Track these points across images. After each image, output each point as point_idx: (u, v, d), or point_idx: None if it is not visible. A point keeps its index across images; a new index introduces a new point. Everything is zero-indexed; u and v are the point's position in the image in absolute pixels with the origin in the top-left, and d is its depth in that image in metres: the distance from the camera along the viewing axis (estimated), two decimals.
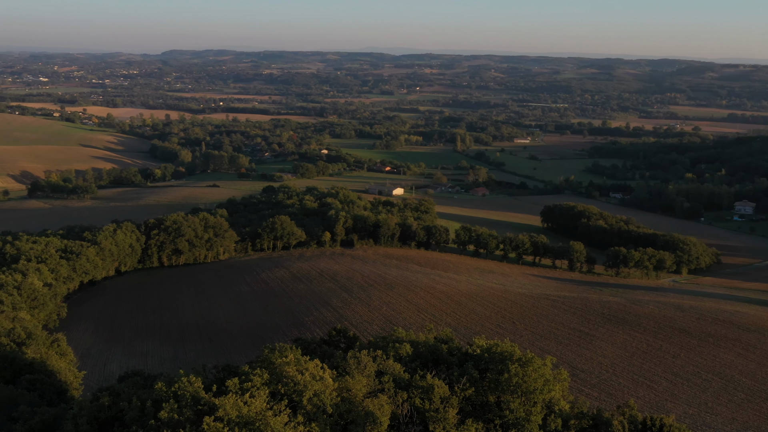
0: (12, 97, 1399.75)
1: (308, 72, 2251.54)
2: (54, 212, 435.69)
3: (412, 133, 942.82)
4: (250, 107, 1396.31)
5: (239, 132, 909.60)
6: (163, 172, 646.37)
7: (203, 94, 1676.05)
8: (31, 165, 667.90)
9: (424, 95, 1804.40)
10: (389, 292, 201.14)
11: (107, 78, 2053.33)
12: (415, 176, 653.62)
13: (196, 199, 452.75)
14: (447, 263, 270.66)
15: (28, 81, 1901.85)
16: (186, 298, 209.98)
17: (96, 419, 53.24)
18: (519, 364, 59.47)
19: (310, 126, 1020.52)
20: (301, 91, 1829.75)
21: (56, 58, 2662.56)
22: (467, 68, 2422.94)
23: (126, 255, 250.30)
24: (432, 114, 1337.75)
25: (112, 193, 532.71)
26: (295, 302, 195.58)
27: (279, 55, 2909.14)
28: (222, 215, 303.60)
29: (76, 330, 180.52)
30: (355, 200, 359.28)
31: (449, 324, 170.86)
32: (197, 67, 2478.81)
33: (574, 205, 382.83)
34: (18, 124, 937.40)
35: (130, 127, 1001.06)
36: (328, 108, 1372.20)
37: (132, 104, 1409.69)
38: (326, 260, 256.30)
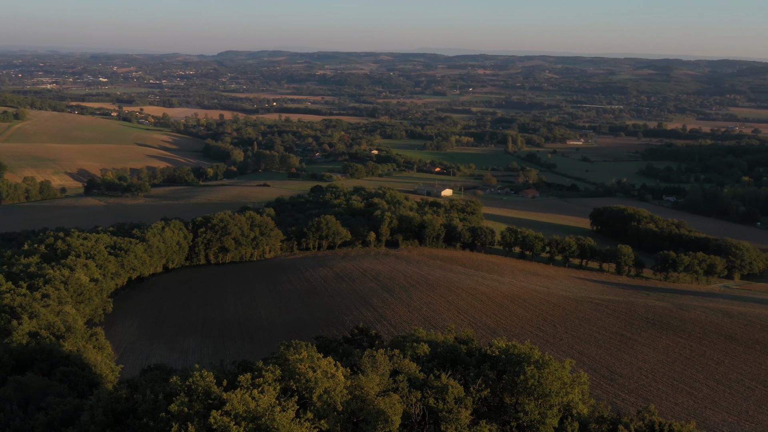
0: (72, 96, 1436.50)
1: (361, 73, 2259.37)
2: (108, 210, 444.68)
3: (463, 134, 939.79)
4: (302, 107, 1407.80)
5: (291, 132, 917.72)
6: (215, 171, 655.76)
7: (257, 95, 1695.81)
8: (88, 163, 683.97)
9: (477, 96, 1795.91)
10: (430, 293, 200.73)
11: (164, 78, 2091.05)
12: (465, 177, 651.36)
13: (246, 198, 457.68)
14: (491, 265, 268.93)
15: (89, 81, 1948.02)
16: (229, 296, 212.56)
17: (113, 411, 54.44)
18: (536, 366, 58.94)
19: (362, 126, 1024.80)
20: (354, 91, 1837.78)
21: (116, 58, 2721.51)
22: (521, 69, 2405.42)
23: (173, 252, 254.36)
24: (484, 115, 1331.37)
25: (165, 192, 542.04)
26: (336, 301, 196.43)
27: (332, 55, 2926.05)
28: (269, 214, 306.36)
29: (122, 325, 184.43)
30: (401, 201, 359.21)
31: (488, 326, 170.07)
32: (252, 67, 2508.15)
33: (624, 208, 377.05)
34: (77, 123, 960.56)
35: (185, 126, 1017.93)
36: (380, 108, 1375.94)
37: (187, 104, 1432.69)
38: (370, 260, 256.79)
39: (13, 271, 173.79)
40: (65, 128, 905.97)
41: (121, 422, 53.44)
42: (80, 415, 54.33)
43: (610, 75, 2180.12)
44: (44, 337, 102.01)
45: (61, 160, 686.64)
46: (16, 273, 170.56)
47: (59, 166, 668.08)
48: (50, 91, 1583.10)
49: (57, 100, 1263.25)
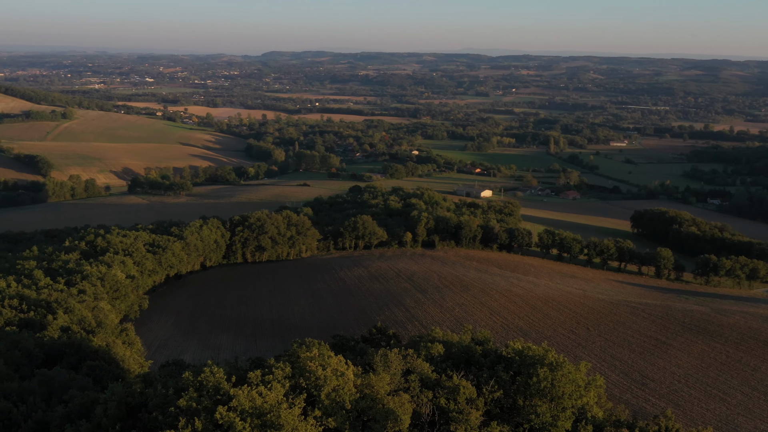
0: (119, 96, 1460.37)
1: (404, 73, 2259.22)
2: (150, 208, 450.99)
3: (505, 135, 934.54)
4: (344, 108, 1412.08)
5: (332, 132, 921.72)
6: (256, 170, 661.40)
7: (300, 95, 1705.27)
8: (132, 162, 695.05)
9: (520, 97, 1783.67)
10: (464, 294, 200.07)
11: (209, 79, 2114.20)
12: (505, 178, 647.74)
13: (286, 198, 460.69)
14: (528, 266, 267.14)
15: (135, 81, 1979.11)
16: (264, 294, 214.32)
17: (126, 404, 55.35)
18: (549, 368, 58.39)
19: (403, 127, 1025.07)
20: (396, 92, 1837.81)
21: (162, 59, 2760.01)
22: (565, 70, 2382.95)
23: (211, 250, 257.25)
24: (527, 116, 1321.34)
25: (207, 191, 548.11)
26: (369, 301, 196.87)
27: (375, 56, 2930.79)
28: (307, 214, 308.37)
29: (157, 321, 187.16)
30: (439, 201, 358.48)
31: (520, 328, 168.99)
32: (295, 68, 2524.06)
33: (666, 211, 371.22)
34: (122, 122, 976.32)
35: (228, 126, 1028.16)
36: (422, 109, 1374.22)
37: (231, 104, 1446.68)
38: (405, 260, 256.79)
39: (53, 267, 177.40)
40: (111, 127, 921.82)
41: (133, 416, 54.35)
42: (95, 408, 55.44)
43: (656, 76, 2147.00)
44: (75, 332, 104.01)
45: (107, 159, 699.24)
46: (55, 269, 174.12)
47: (104, 164, 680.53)
48: (98, 91, 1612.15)
49: (104, 100, 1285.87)
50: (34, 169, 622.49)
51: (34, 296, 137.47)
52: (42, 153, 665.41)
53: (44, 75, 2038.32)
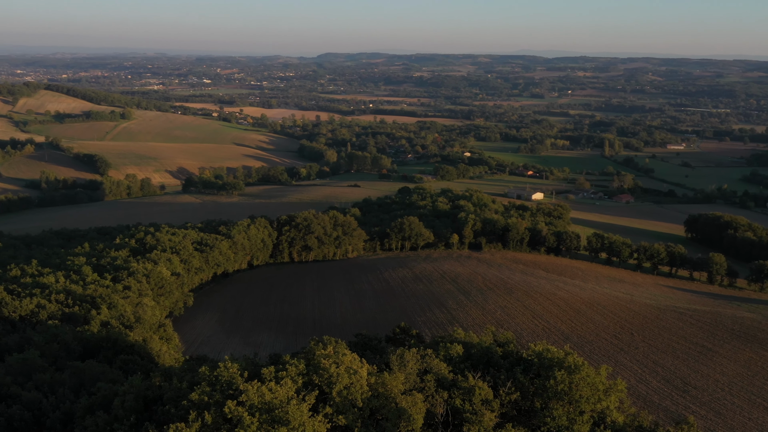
0: (177, 97, 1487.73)
1: (458, 75, 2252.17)
2: (203, 207, 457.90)
3: (559, 137, 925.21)
4: (398, 109, 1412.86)
5: (384, 134, 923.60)
6: (308, 171, 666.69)
7: (354, 96, 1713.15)
8: (187, 162, 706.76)
9: (576, 99, 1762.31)
10: (507, 297, 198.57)
11: (265, 80, 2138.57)
12: (558, 181, 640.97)
13: (336, 198, 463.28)
14: (575, 270, 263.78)
15: (193, 83, 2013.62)
16: (308, 293, 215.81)
17: (144, 397, 56.42)
18: (566, 371, 57.64)
19: (456, 129, 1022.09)
20: (450, 93, 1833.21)
21: (219, 61, 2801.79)
22: (623, 71, 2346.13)
23: (258, 249, 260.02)
24: (582, 118, 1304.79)
25: (259, 191, 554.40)
26: (411, 302, 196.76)
27: (430, 57, 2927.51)
28: (354, 214, 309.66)
29: (202, 318, 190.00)
30: (488, 203, 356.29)
31: (562, 331, 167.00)
32: (350, 69, 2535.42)
33: (721, 215, 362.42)
34: (179, 123, 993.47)
35: (282, 127, 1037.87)
36: (476, 111, 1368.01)
37: (286, 105, 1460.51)
38: (451, 262, 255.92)
39: (101, 263, 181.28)
40: (168, 128, 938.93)
41: (150, 409, 55.41)
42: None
43: (717, 78, 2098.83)
44: (114, 326, 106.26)
45: (162, 159, 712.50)
46: (103, 265, 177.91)
47: (160, 164, 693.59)
48: (156, 92, 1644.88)
49: (162, 101, 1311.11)
50: (93, 168, 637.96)
51: (80, 291, 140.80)
52: (100, 152, 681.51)
53: (105, 76, 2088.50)
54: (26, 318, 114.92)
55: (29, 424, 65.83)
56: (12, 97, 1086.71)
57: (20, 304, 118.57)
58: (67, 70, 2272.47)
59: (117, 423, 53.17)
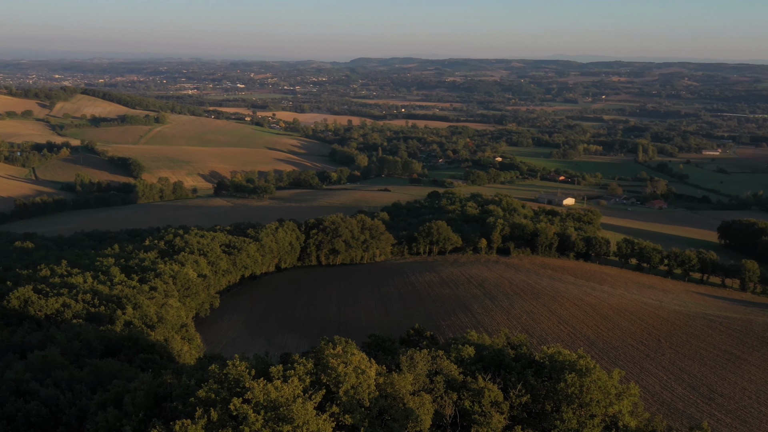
0: (210, 102, 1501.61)
1: (491, 80, 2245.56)
2: (234, 210, 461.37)
3: (592, 143, 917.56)
4: (430, 114, 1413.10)
5: (416, 138, 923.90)
6: (338, 175, 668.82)
7: (386, 101, 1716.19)
8: (219, 165, 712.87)
9: (610, 104, 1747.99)
10: (533, 302, 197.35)
11: (298, 85, 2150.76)
12: (590, 186, 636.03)
13: (366, 203, 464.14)
14: (604, 276, 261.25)
15: (227, 87, 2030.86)
16: (334, 296, 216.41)
17: (155, 394, 57.01)
18: (577, 373, 57.12)
19: (488, 133, 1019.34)
20: (483, 98, 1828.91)
21: (253, 65, 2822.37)
22: (658, 76, 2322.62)
23: (286, 252, 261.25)
24: (616, 123, 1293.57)
25: (289, 194, 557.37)
26: (437, 306, 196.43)
27: (463, 62, 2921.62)
28: (382, 218, 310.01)
29: (228, 320, 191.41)
30: (517, 208, 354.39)
31: (587, 337, 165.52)
32: (383, 74, 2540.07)
33: (755, 222, 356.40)
34: (212, 127, 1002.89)
35: (313, 131, 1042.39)
36: (508, 116, 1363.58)
37: (318, 110, 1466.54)
38: (478, 267, 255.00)
39: (129, 264, 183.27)
40: (201, 132, 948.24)
41: (159, 405, 55.98)
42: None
43: (755, 83, 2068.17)
44: (137, 326, 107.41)
45: (195, 162, 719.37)
46: (131, 266, 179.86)
47: (192, 167, 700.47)
48: (191, 96, 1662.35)
49: (196, 105, 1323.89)
50: (126, 171, 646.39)
51: (106, 291, 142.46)
52: (134, 156, 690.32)
53: (141, 81, 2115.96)
54: (51, 317, 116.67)
55: (46, 419, 66.78)
56: (49, 101, 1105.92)
57: (46, 303, 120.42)
58: (104, 75, 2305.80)
59: (126, 419, 53.82)
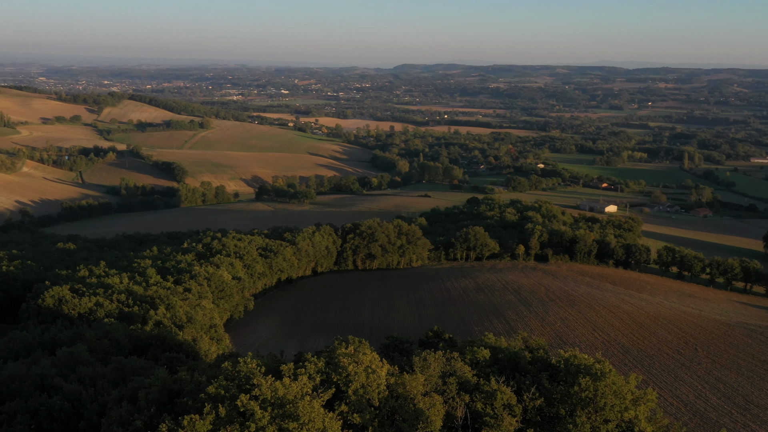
0: (254, 107, 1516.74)
1: (535, 86, 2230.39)
2: (275, 214, 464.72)
3: (637, 150, 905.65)
4: (473, 120, 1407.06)
5: (458, 144, 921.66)
6: (379, 181, 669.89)
7: (429, 107, 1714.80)
8: (261, 170, 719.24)
9: (656, 111, 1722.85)
10: (569, 309, 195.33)
11: (341, 91, 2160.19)
12: (633, 194, 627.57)
13: (405, 208, 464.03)
14: (644, 284, 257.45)
15: (271, 93, 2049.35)
16: (368, 301, 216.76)
17: (169, 390, 57.73)
18: (592, 377, 56.36)
19: (530, 140, 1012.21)
20: (527, 105, 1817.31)
21: (297, 72, 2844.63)
22: (706, 83, 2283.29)
23: (322, 256, 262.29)
24: (662, 130, 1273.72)
25: (330, 199, 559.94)
26: (471, 311, 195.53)
27: (507, 68, 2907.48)
28: (420, 224, 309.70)
29: (262, 322, 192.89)
30: (557, 215, 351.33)
31: (622, 344, 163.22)
32: (426, 80, 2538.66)
33: None
34: (255, 132, 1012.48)
35: (355, 137, 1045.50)
36: (552, 122, 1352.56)
37: (361, 116, 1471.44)
38: (515, 273, 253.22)
39: (166, 266, 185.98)
40: (244, 137, 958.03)
41: (172, 401, 56.69)
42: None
43: None
44: (166, 326, 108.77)
45: (237, 167, 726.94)
46: (167, 268, 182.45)
47: (235, 172, 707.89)
48: (235, 102, 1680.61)
49: (240, 111, 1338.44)
50: (170, 175, 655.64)
51: (141, 292, 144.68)
52: (178, 160, 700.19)
53: (187, 87, 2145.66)
54: (84, 315, 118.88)
55: (68, 414, 68.03)
56: (97, 106, 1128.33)
57: (79, 302, 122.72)
58: (151, 81, 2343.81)
59: (137, 413, 54.64)
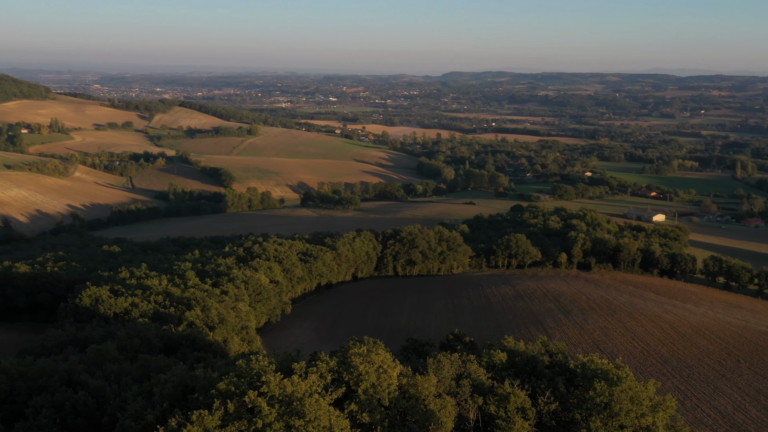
0: (302, 114, 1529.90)
1: (585, 94, 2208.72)
2: (318, 221, 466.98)
3: (688, 158, 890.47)
4: (520, 128, 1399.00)
5: (504, 152, 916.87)
6: (424, 188, 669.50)
7: (476, 115, 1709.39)
8: (307, 176, 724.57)
9: (709, 119, 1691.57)
10: (609, 318, 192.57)
11: (389, 98, 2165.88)
12: (682, 203, 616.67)
13: (449, 215, 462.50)
14: (689, 294, 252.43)
15: (319, 101, 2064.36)
16: (406, 307, 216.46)
17: (184, 387, 58.49)
18: (607, 382, 55.46)
19: (578, 148, 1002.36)
20: (576, 113, 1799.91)
21: (346, 79, 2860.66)
22: (761, 90, 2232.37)
23: (362, 262, 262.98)
24: (715, 139, 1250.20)
25: (374, 206, 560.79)
26: (508, 318, 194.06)
27: (557, 76, 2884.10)
28: (462, 231, 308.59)
29: (300, 326, 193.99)
30: (602, 223, 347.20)
31: (661, 354, 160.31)
32: (474, 88, 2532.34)
33: None
34: (302, 139, 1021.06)
35: (402, 144, 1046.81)
36: (601, 130, 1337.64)
37: (408, 123, 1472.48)
38: (557, 281, 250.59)
39: (206, 269, 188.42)
40: (291, 144, 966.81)
41: (186, 397, 57.41)
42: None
43: None
44: (198, 326, 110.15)
45: (284, 173, 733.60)
46: (207, 271, 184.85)
47: (281, 178, 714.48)
48: (284, 109, 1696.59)
49: (288, 118, 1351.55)
50: (217, 180, 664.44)
51: (178, 294, 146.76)
52: (225, 166, 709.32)
53: (237, 94, 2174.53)
54: (120, 315, 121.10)
55: (92, 409, 69.24)
56: (148, 113, 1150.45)
57: (115, 302, 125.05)
58: (202, 88, 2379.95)
59: (150, 408, 55.47)
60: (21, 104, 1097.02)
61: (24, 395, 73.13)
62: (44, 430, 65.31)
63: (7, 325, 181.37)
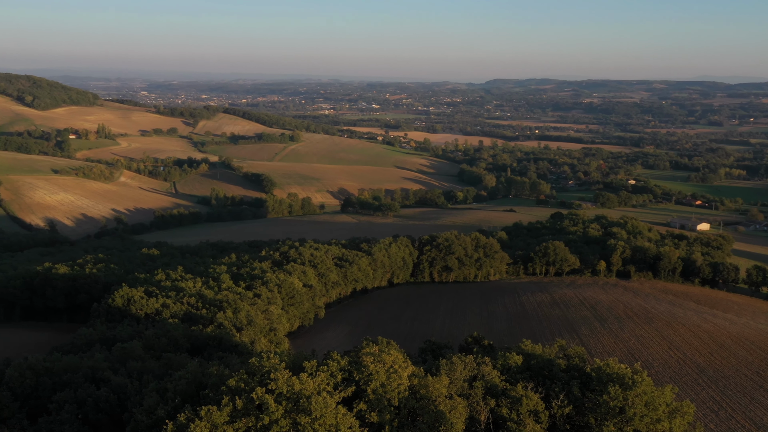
0: (345, 121, 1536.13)
1: (630, 101, 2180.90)
2: (358, 227, 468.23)
3: (735, 167, 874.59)
4: (564, 135, 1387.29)
5: (546, 159, 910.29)
6: (464, 195, 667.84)
7: (520, 122, 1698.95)
8: (347, 183, 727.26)
9: (759, 127, 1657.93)
10: (645, 326, 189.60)
11: (432, 105, 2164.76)
12: (728, 212, 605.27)
13: (489, 222, 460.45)
14: (730, 304, 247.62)
15: (362, 107, 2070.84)
16: (441, 313, 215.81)
17: (198, 383, 59.15)
18: (621, 386, 54.61)
19: (622, 156, 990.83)
20: (621, 120, 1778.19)
21: (389, 86, 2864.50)
22: None
23: (398, 267, 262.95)
24: (764, 147, 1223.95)
25: (414, 213, 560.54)
26: (543, 326, 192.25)
27: (602, 83, 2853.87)
28: (500, 238, 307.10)
29: (333, 330, 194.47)
30: (643, 231, 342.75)
31: (697, 363, 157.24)
32: (518, 95, 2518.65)
33: None
34: (344, 146, 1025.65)
35: (443, 151, 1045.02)
36: (647, 138, 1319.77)
37: (450, 130, 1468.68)
38: (594, 289, 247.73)
39: (240, 272, 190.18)
40: (333, 150, 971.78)
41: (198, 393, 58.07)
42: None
43: None
44: (226, 327, 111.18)
45: (325, 179, 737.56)
46: (241, 274, 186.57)
47: (322, 184, 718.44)
48: (327, 116, 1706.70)
49: (331, 125, 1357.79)
50: (259, 186, 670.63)
51: (211, 296, 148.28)
52: (267, 172, 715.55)
53: (281, 101, 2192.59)
54: (150, 315, 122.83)
55: (113, 405, 70.35)
56: (193, 119, 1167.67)
57: (146, 303, 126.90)
58: (246, 95, 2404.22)
59: (162, 403, 56.18)
60: (70, 110, 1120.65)
61: (48, 391, 74.70)
62: (66, 425, 66.53)
63: (46, 325, 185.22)
